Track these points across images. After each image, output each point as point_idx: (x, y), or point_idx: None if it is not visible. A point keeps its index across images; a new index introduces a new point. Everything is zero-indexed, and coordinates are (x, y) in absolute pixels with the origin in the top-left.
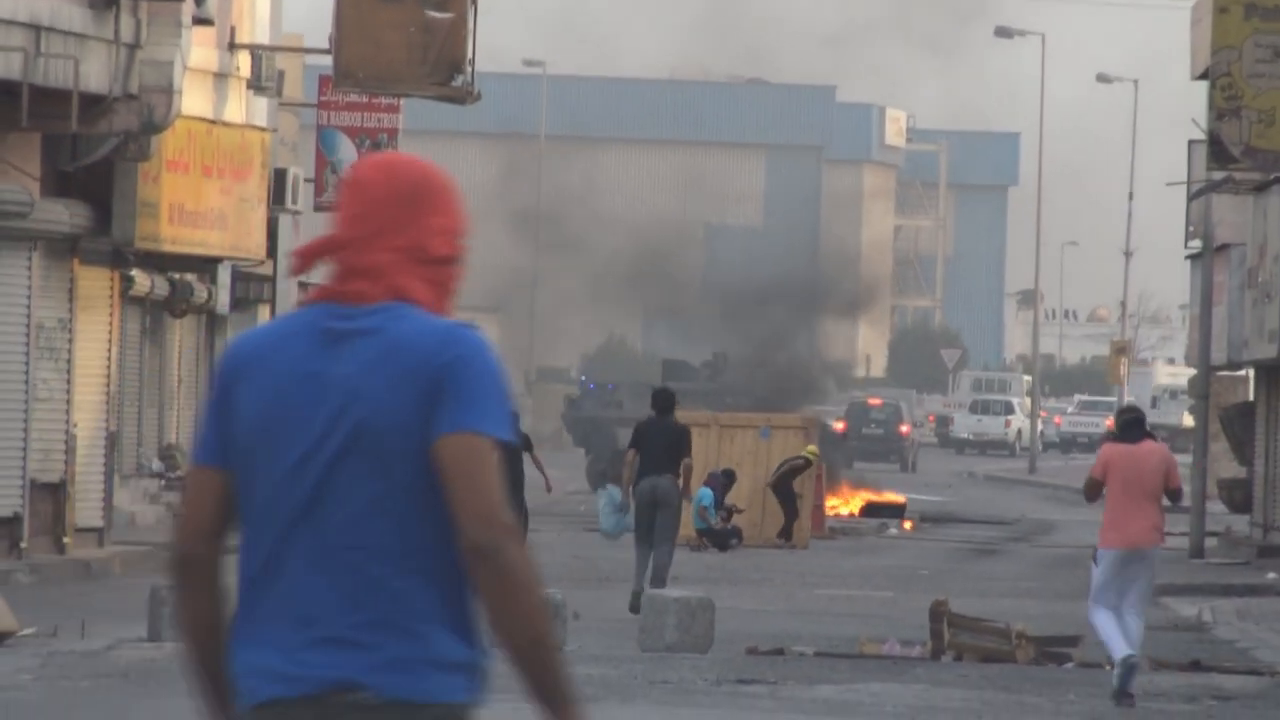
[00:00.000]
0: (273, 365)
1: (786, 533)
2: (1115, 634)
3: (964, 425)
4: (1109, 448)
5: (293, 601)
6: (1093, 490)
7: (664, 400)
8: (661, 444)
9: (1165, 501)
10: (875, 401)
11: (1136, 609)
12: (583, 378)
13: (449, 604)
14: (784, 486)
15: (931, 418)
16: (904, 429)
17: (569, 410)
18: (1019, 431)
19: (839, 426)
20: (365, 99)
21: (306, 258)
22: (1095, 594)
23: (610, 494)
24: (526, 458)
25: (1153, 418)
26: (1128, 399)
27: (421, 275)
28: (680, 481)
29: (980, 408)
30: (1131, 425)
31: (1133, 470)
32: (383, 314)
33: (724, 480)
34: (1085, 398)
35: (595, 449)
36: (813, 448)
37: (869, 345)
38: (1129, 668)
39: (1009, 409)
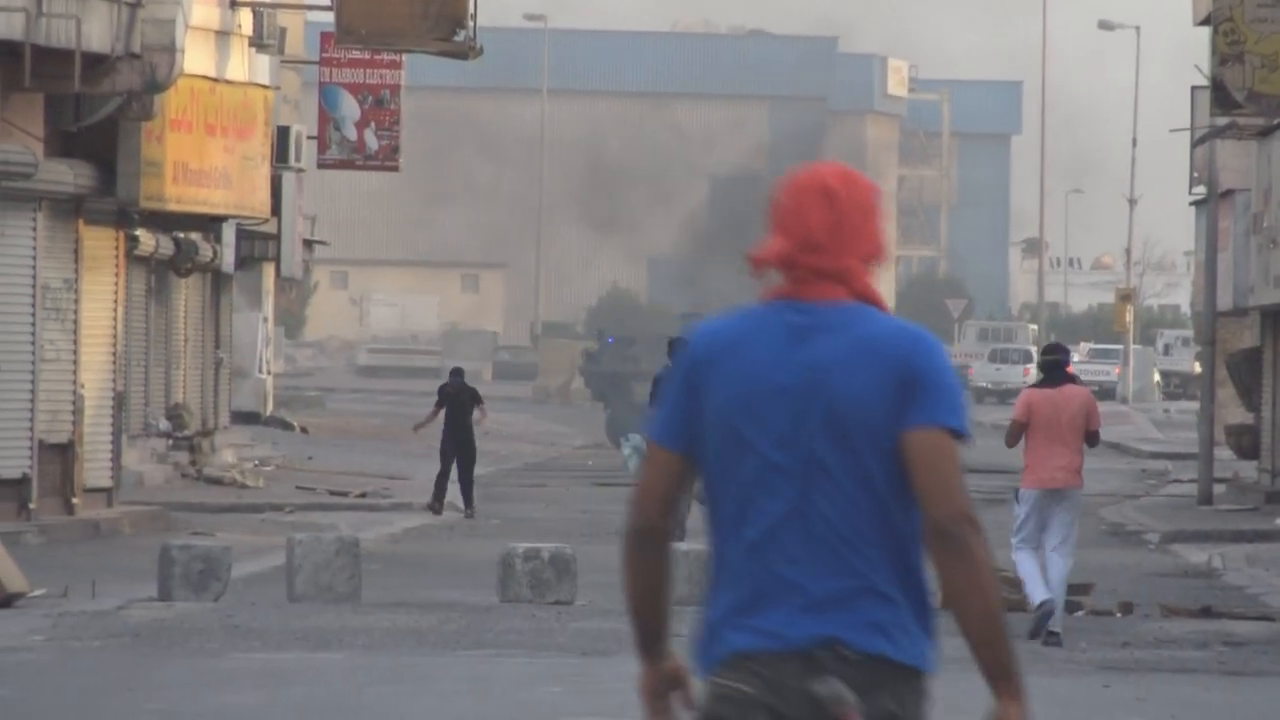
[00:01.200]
0: (745, 354)
1: None
2: (1035, 577)
3: (983, 374)
4: (1031, 391)
5: (778, 570)
6: (1014, 433)
7: (681, 347)
8: None
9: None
10: None
11: (1062, 550)
12: (599, 330)
13: (910, 580)
14: None
15: None
16: None
17: (587, 364)
18: None
19: None
20: (367, 55)
21: (771, 261)
22: (1015, 531)
23: (635, 442)
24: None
25: (1163, 365)
26: (1134, 346)
27: (870, 277)
28: None
29: (999, 356)
30: (1053, 367)
31: (1053, 413)
32: (847, 312)
33: None
34: (1094, 345)
35: (613, 403)
36: None
37: None
38: (1045, 614)
39: (1027, 358)
